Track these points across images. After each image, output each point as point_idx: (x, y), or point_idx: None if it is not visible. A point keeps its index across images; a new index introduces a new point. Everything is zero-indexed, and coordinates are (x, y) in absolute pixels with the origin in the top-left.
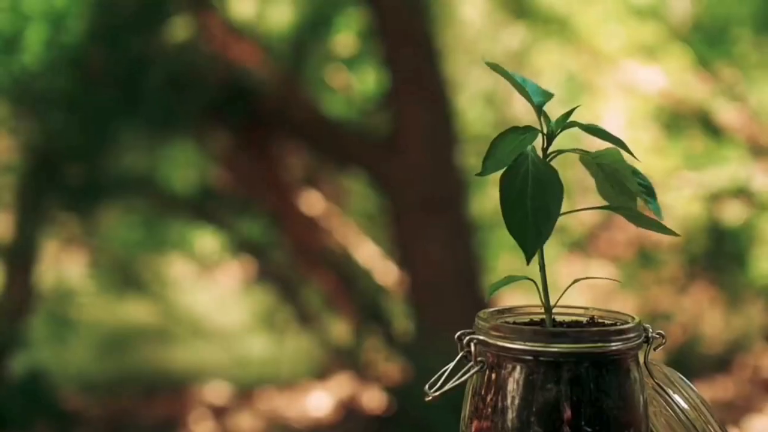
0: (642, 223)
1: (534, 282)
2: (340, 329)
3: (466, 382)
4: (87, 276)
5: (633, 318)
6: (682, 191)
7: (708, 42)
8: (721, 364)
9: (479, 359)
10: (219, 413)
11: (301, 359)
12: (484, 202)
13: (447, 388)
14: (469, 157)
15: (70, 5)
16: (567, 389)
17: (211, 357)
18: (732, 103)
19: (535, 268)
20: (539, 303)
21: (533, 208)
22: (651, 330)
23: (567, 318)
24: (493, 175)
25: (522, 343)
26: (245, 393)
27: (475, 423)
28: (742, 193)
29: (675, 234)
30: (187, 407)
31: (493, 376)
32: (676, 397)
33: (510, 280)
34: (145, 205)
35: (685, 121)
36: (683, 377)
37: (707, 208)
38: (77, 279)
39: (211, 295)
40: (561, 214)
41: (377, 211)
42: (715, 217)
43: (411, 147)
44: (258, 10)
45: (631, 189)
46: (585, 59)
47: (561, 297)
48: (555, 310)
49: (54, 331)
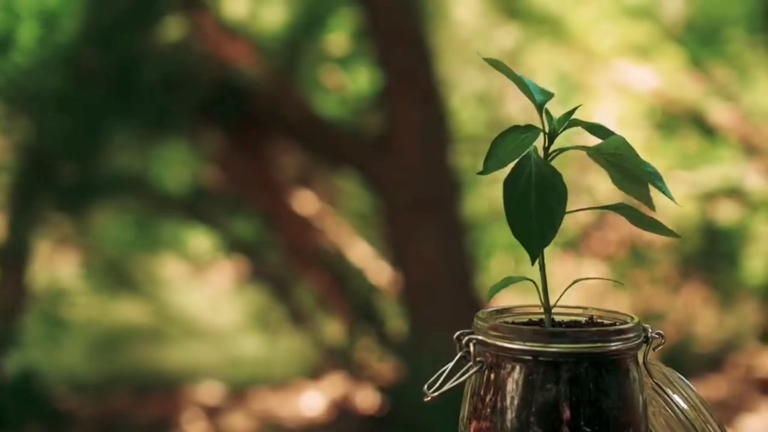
0: (643, 225)
1: (533, 282)
2: (333, 329)
3: (464, 382)
4: (79, 276)
5: (632, 318)
6: (675, 191)
7: (701, 42)
8: (714, 363)
9: (478, 359)
10: (212, 413)
11: (294, 359)
12: (477, 201)
13: (446, 388)
14: (463, 157)
15: (62, 4)
16: (566, 389)
17: (204, 357)
18: (725, 103)
19: (533, 267)
20: (536, 303)
21: (537, 209)
22: (650, 330)
23: (565, 318)
24: (487, 177)
25: (521, 343)
26: (238, 393)
27: (474, 423)
28: (735, 193)
29: (676, 235)
30: (180, 407)
31: (492, 376)
32: (675, 397)
33: (509, 281)
34: (138, 205)
35: (678, 121)
36: (682, 377)
37: (700, 207)
38: (70, 279)
39: (204, 295)
40: (565, 212)
41: (370, 211)
42: (709, 217)
43: (404, 147)
44: (251, 9)
45: (638, 174)
46: (578, 59)
47: (560, 297)
48: (553, 310)
49: (46, 331)
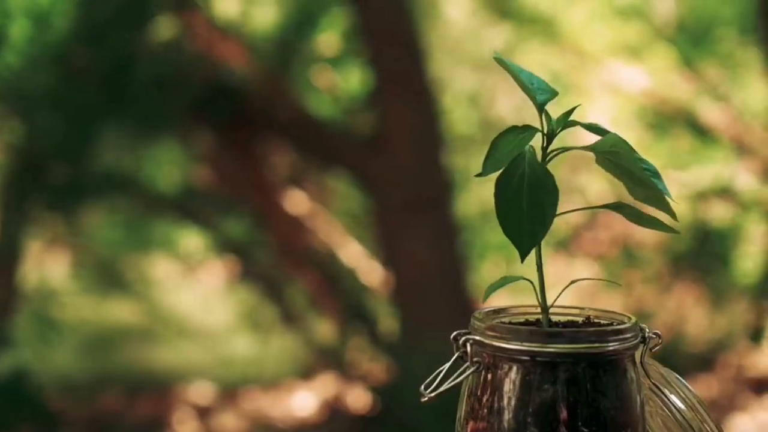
0: (642, 222)
1: (531, 282)
2: (324, 329)
3: (461, 382)
4: (71, 276)
5: (629, 318)
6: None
7: (692, 42)
8: (705, 362)
9: (475, 359)
10: (203, 413)
11: (286, 359)
12: (469, 202)
13: (443, 388)
14: (455, 157)
15: (54, 3)
16: (564, 390)
17: (196, 357)
18: (716, 103)
19: (530, 267)
20: (532, 303)
21: (529, 208)
22: (647, 330)
23: (562, 318)
24: (478, 177)
25: (518, 344)
26: (229, 393)
27: (471, 424)
28: (726, 193)
29: (676, 231)
30: (172, 407)
31: (489, 376)
32: (672, 398)
33: (506, 281)
34: (129, 205)
35: (670, 121)
36: (679, 377)
37: (692, 207)
38: (61, 279)
39: (196, 295)
40: (558, 214)
41: (362, 211)
42: (700, 217)
43: (396, 147)
44: (243, 9)
45: (635, 172)
46: (570, 59)
47: (557, 297)
48: (550, 310)
49: (38, 331)
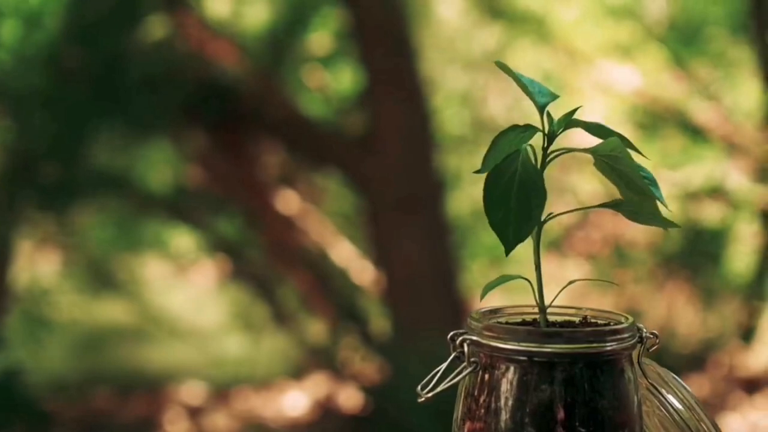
0: (641, 219)
1: (528, 282)
2: (316, 329)
3: (458, 382)
4: (62, 275)
5: (627, 318)
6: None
7: (683, 41)
8: (697, 362)
9: (472, 360)
10: (194, 413)
11: (278, 359)
12: (461, 202)
13: (440, 389)
14: (446, 157)
15: (45, 2)
16: (561, 390)
17: (187, 357)
18: (707, 103)
19: (524, 266)
20: (527, 303)
21: (516, 205)
22: (644, 330)
23: (559, 318)
24: (469, 177)
25: (516, 344)
26: (221, 393)
27: (468, 424)
28: (717, 192)
29: (676, 225)
30: (163, 407)
31: (486, 376)
32: (669, 398)
33: (504, 279)
34: (121, 205)
35: (661, 121)
36: (677, 377)
37: (683, 206)
38: (52, 278)
39: (187, 295)
40: (556, 215)
41: (354, 211)
42: (691, 216)
43: (388, 146)
44: (234, 8)
45: (633, 177)
46: (561, 59)
47: (555, 297)
48: (546, 310)
49: (29, 331)
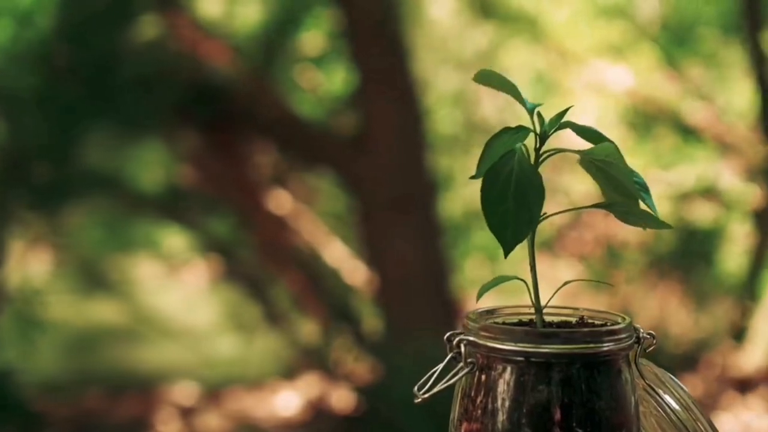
0: (635, 221)
1: (524, 282)
2: (308, 329)
3: (455, 383)
4: (54, 275)
5: (624, 318)
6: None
7: (676, 41)
8: (689, 362)
9: (469, 360)
10: (186, 413)
11: (270, 359)
12: (453, 202)
13: (437, 389)
14: (439, 157)
15: (37, 2)
16: (558, 390)
17: (179, 357)
18: (700, 103)
19: (517, 266)
20: (523, 303)
21: (515, 205)
22: (642, 330)
23: (555, 318)
24: (462, 177)
25: (513, 344)
26: (213, 393)
27: (465, 425)
28: (710, 192)
29: (669, 226)
30: (155, 407)
31: (483, 377)
32: (666, 398)
33: (500, 280)
34: (113, 205)
35: (654, 121)
36: (674, 378)
37: (675, 207)
38: (44, 278)
39: (179, 295)
40: (548, 215)
41: (346, 211)
42: (684, 216)
43: (380, 146)
44: (226, 8)
45: (626, 183)
46: (553, 59)
47: (551, 298)
48: (543, 310)
49: (21, 331)
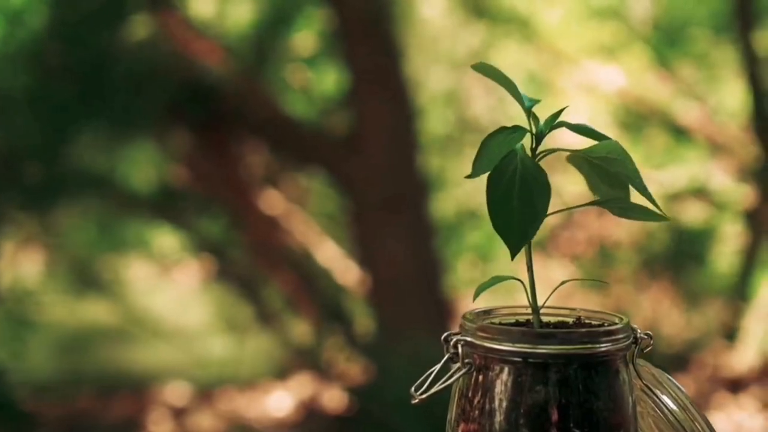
0: (631, 215)
1: (521, 282)
2: (300, 329)
3: (452, 384)
4: (45, 276)
5: (621, 318)
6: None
7: (668, 42)
8: (681, 362)
9: (466, 361)
10: (179, 414)
11: (262, 359)
12: (445, 202)
13: (434, 390)
14: (431, 157)
15: (28, 1)
16: (555, 391)
17: (171, 357)
18: (692, 103)
19: (511, 266)
20: (519, 304)
21: (520, 205)
22: (639, 331)
23: (552, 319)
24: (454, 177)
25: (510, 345)
26: (205, 393)
27: (462, 426)
28: (701, 193)
29: (666, 218)
30: (147, 408)
31: (480, 378)
32: (664, 398)
33: (497, 280)
34: (104, 205)
35: (645, 121)
36: (671, 378)
37: (667, 207)
38: (35, 279)
39: (171, 295)
40: (551, 213)
41: (338, 211)
42: (675, 216)
43: (372, 146)
44: (218, 8)
45: (633, 179)
46: (545, 59)
47: (548, 298)
48: (540, 311)
49: (12, 332)
